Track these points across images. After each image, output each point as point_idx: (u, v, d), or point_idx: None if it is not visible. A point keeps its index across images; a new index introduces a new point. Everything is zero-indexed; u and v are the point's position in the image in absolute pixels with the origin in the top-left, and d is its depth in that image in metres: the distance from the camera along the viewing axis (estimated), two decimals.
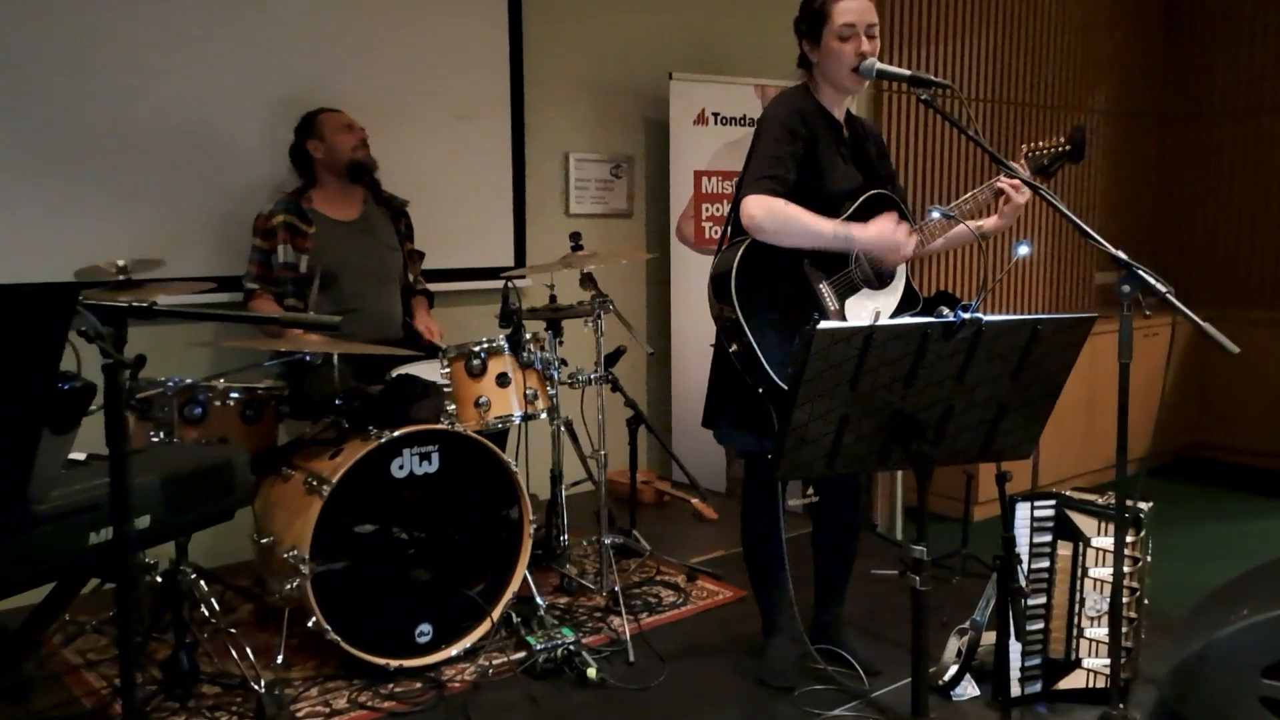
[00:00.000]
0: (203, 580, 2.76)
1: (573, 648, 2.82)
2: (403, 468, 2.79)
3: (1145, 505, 2.65)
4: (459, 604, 2.88)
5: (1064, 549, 2.64)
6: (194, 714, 2.55)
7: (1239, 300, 6.19)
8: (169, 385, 2.75)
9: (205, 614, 2.74)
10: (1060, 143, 2.66)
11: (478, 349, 3.02)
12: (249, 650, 2.66)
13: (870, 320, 1.93)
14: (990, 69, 5.61)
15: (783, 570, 2.74)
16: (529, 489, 3.03)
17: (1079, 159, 2.67)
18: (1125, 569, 2.41)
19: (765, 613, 2.89)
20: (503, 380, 3.04)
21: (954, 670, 2.71)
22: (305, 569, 2.60)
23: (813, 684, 2.74)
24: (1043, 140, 2.71)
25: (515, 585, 2.98)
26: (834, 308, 2.58)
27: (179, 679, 2.61)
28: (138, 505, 1.95)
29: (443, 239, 3.97)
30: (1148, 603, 2.71)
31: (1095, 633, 2.62)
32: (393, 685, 2.73)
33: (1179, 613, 2.77)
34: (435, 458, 2.83)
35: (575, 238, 3.42)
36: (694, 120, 4.69)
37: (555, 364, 3.24)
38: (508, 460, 2.95)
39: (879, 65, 2.52)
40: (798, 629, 2.81)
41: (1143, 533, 2.62)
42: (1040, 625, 2.63)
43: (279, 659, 2.77)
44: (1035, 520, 2.64)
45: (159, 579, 2.68)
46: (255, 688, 2.56)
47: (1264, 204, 6.11)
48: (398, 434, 2.75)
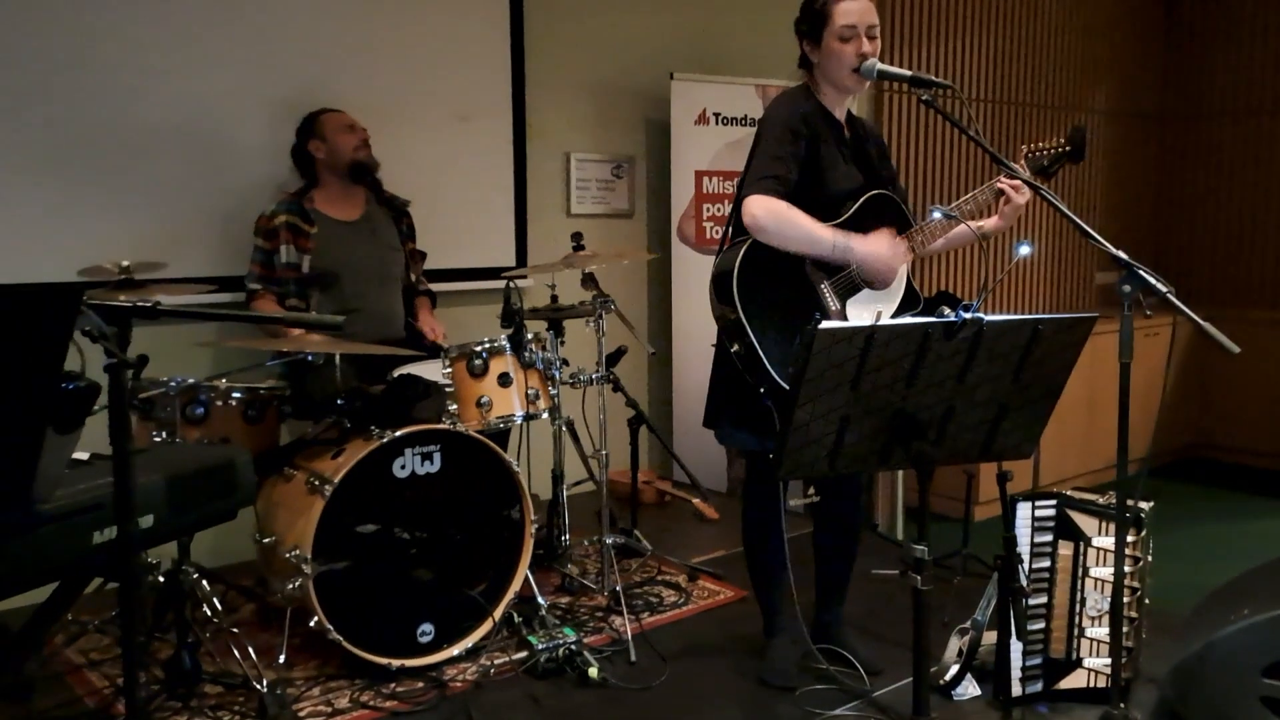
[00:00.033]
0: (205, 580, 2.77)
1: (574, 647, 2.82)
2: (404, 467, 2.79)
3: (1146, 505, 2.65)
4: (461, 604, 2.88)
5: (1065, 549, 2.64)
6: (196, 713, 2.56)
7: (1239, 300, 6.19)
8: (171, 385, 2.76)
9: (207, 614, 2.75)
10: (1060, 143, 2.66)
11: (479, 349, 3.03)
12: (251, 650, 2.67)
13: (872, 320, 1.94)
14: (991, 69, 5.61)
15: (784, 570, 2.75)
16: (530, 489, 3.03)
17: (1079, 159, 2.67)
18: (1126, 569, 2.42)
19: (766, 612, 2.89)
20: (504, 380, 3.04)
21: (955, 670, 2.71)
22: (307, 568, 2.61)
23: (814, 683, 2.75)
24: (1043, 141, 2.70)
25: (517, 585, 2.98)
26: (835, 307, 2.58)
27: (181, 678, 2.61)
28: (141, 504, 1.95)
29: (444, 239, 3.97)
30: (1148, 602, 2.71)
31: (1096, 632, 2.62)
32: (395, 685, 2.73)
33: (1180, 612, 2.77)
34: (437, 457, 2.84)
35: (577, 238, 3.42)
36: (695, 120, 4.69)
37: (557, 364, 3.25)
38: (509, 460, 2.95)
39: (880, 66, 2.52)
40: (799, 629, 2.81)
41: (1144, 532, 2.62)
42: (1041, 625, 2.63)
43: (281, 658, 2.77)
44: (1036, 520, 2.64)
45: (161, 579, 2.69)
46: (257, 687, 2.57)
47: (1264, 204, 6.11)
48: (400, 434, 2.75)
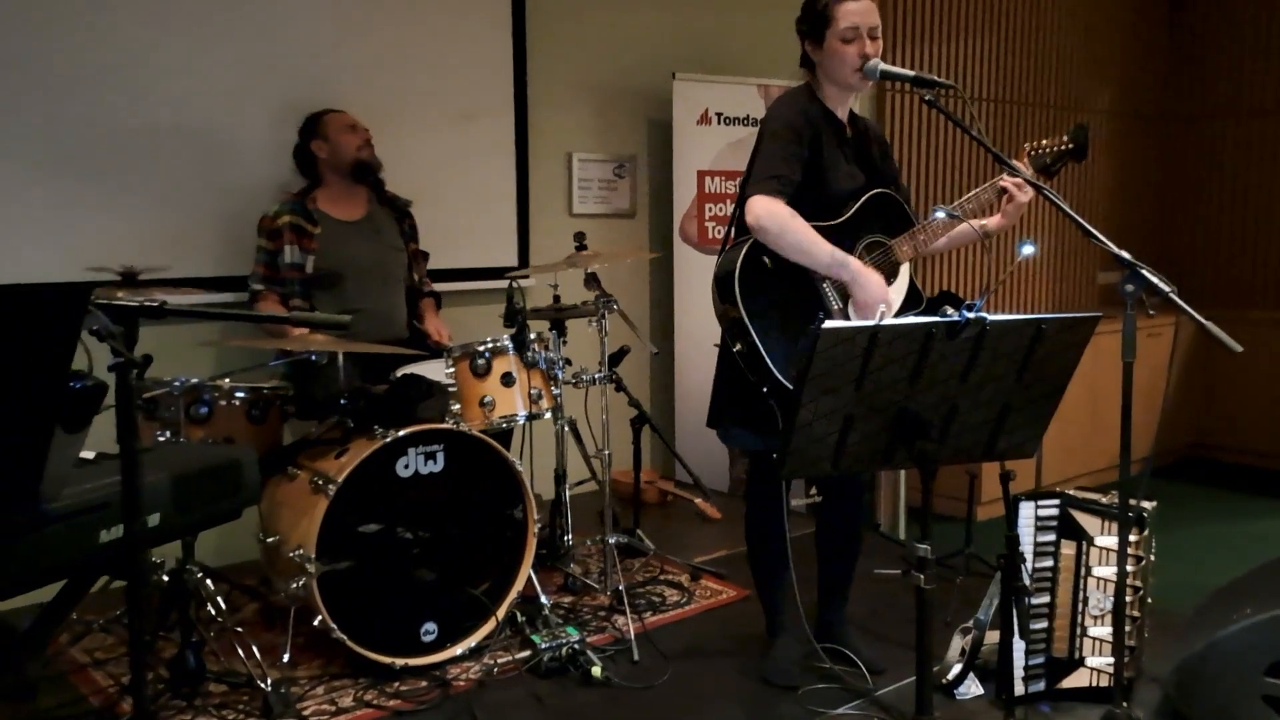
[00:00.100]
0: (209, 579, 2.77)
1: (577, 647, 2.83)
2: (408, 467, 2.79)
3: (1149, 504, 2.66)
4: (464, 603, 2.88)
5: (1067, 548, 2.64)
6: (200, 712, 2.56)
7: (1242, 300, 6.19)
8: (175, 385, 2.76)
9: (211, 613, 2.75)
10: (1063, 141, 2.65)
11: (482, 349, 3.03)
12: (255, 649, 2.68)
13: (875, 319, 1.94)
14: (993, 69, 5.61)
15: (786, 570, 2.74)
16: (533, 488, 3.03)
17: (1082, 158, 2.67)
18: (1129, 568, 2.42)
19: (769, 612, 2.89)
20: (507, 380, 3.05)
21: (958, 669, 2.71)
22: (311, 568, 2.61)
23: (816, 683, 2.75)
24: (1045, 139, 2.70)
25: (520, 584, 2.99)
26: (837, 307, 2.58)
27: (186, 677, 2.61)
28: (148, 503, 1.95)
29: (446, 239, 3.97)
30: (1151, 602, 2.71)
31: (1099, 631, 2.62)
32: (398, 684, 2.74)
33: (1182, 612, 2.78)
34: (440, 457, 2.84)
35: (579, 238, 3.43)
36: (697, 120, 4.69)
37: (559, 364, 3.25)
38: (512, 460, 2.96)
39: (883, 66, 2.52)
40: (802, 628, 2.81)
41: (1146, 532, 2.62)
42: (1044, 624, 2.63)
43: (285, 657, 2.78)
44: (1039, 519, 2.64)
45: (165, 578, 2.70)
46: (261, 686, 2.57)
47: (1267, 204, 6.11)
48: (403, 433, 2.75)
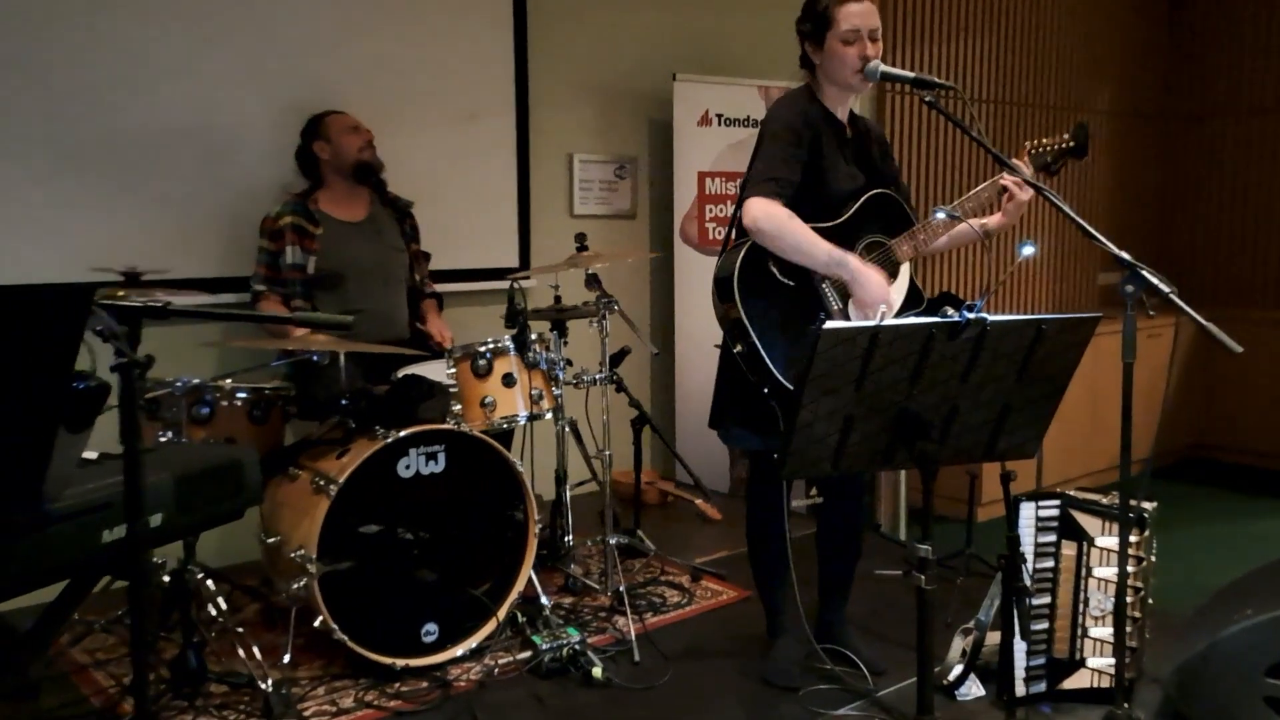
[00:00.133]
0: (210, 580, 2.78)
1: (578, 647, 2.83)
2: (409, 467, 2.79)
3: (1149, 505, 2.66)
4: (465, 603, 2.89)
5: (1068, 549, 2.64)
6: (202, 712, 2.56)
7: (1242, 300, 6.19)
8: (177, 385, 2.77)
9: (213, 613, 2.76)
10: (1064, 139, 2.64)
11: (483, 349, 3.04)
12: (256, 649, 2.68)
13: (875, 319, 1.94)
14: (993, 70, 5.61)
15: (787, 570, 2.75)
16: (534, 489, 3.03)
17: (1082, 155, 2.66)
18: (1129, 569, 2.42)
19: (770, 612, 2.89)
20: (508, 380, 3.05)
21: (959, 670, 2.71)
22: (312, 568, 2.61)
23: (817, 683, 2.75)
24: (1046, 137, 2.69)
25: (520, 585, 2.99)
26: (837, 307, 2.58)
27: (187, 678, 2.62)
28: (150, 503, 1.96)
29: (448, 240, 3.97)
30: (1152, 602, 2.71)
31: (1099, 632, 2.62)
32: (399, 684, 2.74)
33: (1183, 613, 2.78)
34: (441, 458, 2.84)
35: (580, 238, 3.44)
36: (698, 121, 4.70)
37: (560, 364, 3.25)
38: (513, 460, 2.96)
39: (883, 68, 2.53)
40: (802, 629, 2.81)
41: (1146, 532, 2.63)
42: (1045, 625, 2.64)
43: (286, 658, 2.78)
44: (1040, 520, 2.64)
45: (167, 578, 2.70)
46: (262, 686, 2.57)
47: (1267, 204, 6.12)
48: (404, 434, 2.75)
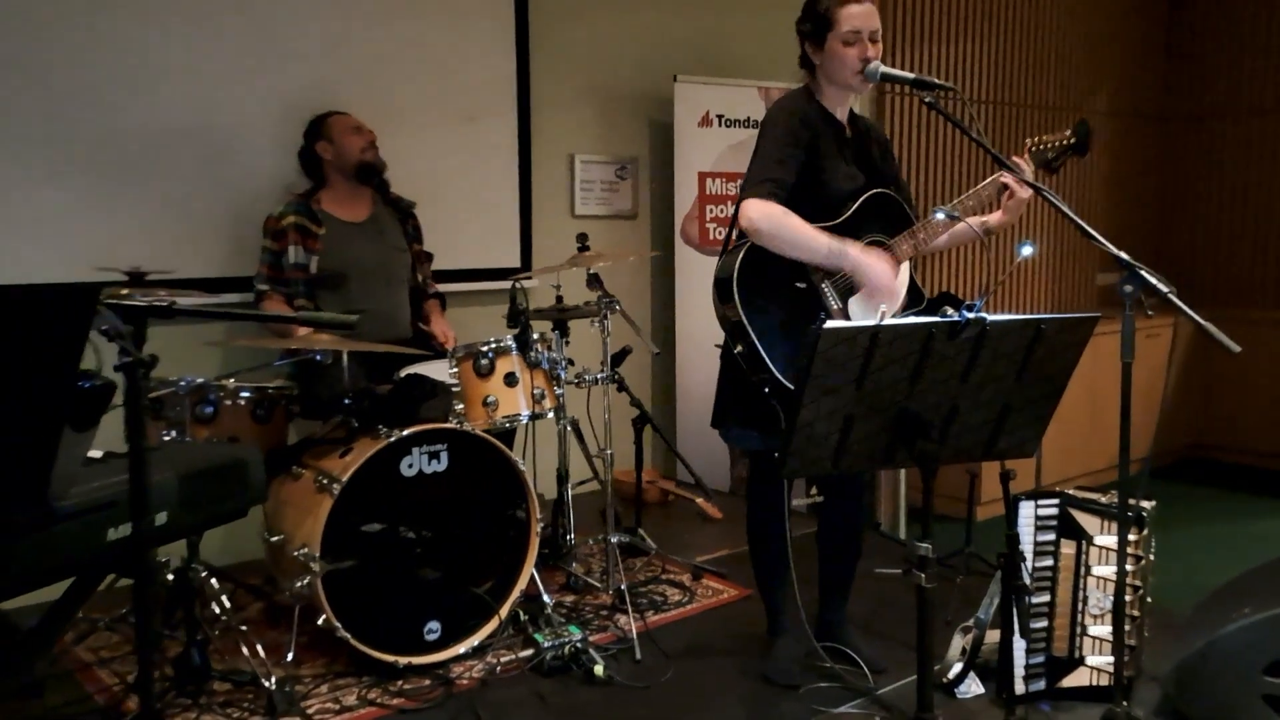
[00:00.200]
0: (214, 578, 2.79)
1: (580, 645, 2.84)
2: (412, 466, 2.81)
3: (1148, 504, 2.67)
4: (467, 602, 2.90)
5: (1067, 547, 2.66)
6: (205, 710, 2.58)
7: (1241, 300, 6.20)
8: (181, 385, 2.78)
9: (216, 611, 2.77)
10: (1066, 136, 2.63)
11: (486, 349, 3.05)
12: (259, 647, 2.70)
13: (875, 319, 1.95)
14: (992, 71, 5.62)
15: (788, 569, 2.75)
16: (536, 488, 3.05)
17: (1084, 153, 2.64)
18: (1128, 567, 2.43)
19: (770, 611, 2.90)
20: (510, 380, 3.06)
21: (958, 668, 2.72)
22: (316, 567, 2.62)
23: (818, 682, 2.76)
24: (1047, 135, 2.67)
25: (523, 583, 3.00)
26: (837, 306, 2.59)
27: (191, 676, 2.63)
28: (155, 502, 1.97)
29: (450, 240, 3.99)
30: (1150, 601, 2.72)
31: (1098, 630, 2.63)
32: (402, 682, 2.76)
33: (1182, 611, 2.79)
34: (444, 456, 2.85)
35: (582, 239, 3.45)
36: (698, 122, 4.71)
37: (562, 364, 3.26)
38: (515, 459, 2.97)
39: (883, 69, 2.53)
40: (803, 627, 2.82)
41: (1145, 531, 2.63)
42: (1044, 623, 2.65)
43: (289, 656, 2.79)
44: (1039, 518, 2.65)
45: (171, 577, 2.71)
46: (266, 684, 2.59)
47: (1266, 204, 6.12)
48: (407, 433, 2.77)
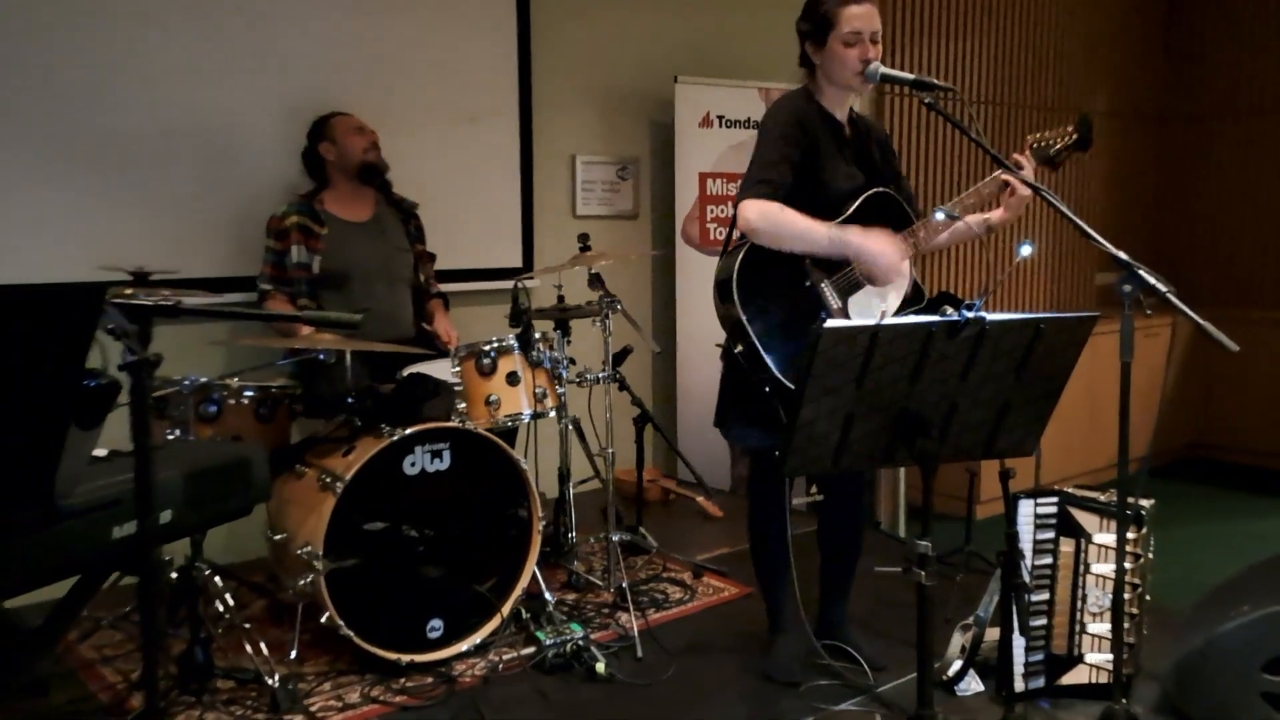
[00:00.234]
0: (217, 576, 2.80)
1: (581, 643, 2.85)
2: (414, 465, 2.82)
3: (1147, 502, 2.68)
4: (469, 600, 2.91)
5: (1066, 545, 2.66)
6: (209, 708, 2.59)
7: (1240, 300, 6.21)
8: (185, 384, 2.79)
9: (220, 609, 2.78)
10: (1068, 132, 2.60)
11: (488, 348, 3.06)
12: (263, 645, 2.71)
13: (875, 317, 1.96)
14: (991, 71, 5.64)
15: (788, 567, 2.76)
16: (537, 486, 3.06)
17: (1086, 148, 2.61)
18: (1127, 565, 2.44)
19: (771, 609, 2.91)
20: (512, 379, 3.08)
21: (958, 665, 2.73)
22: (319, 565, 2.64)
23: (818, 679, 2.77)
24: (1049, 130, 2.63)
25: (524, 581, 3.01)
26: (837, 306, 2.60)
27: (194, 673, 2.64)
28: (160, 500, 1.97)
29: (452, 241, 4.00)
30: (1149, 599, 2.73)
31: (1097, 628, 2.64)
32: (404, 680, 2.77)
33: (1180, 609, 2.80)
34: (446, 455, 2.86)
35: (583, 239, 3.46)
36: (699, 123, 4.72)
37: (564, 363, 3.28)
38: (517, 458, 2.98)
39: (883, 69, 2.54)
40: (803, 625, 2.83)
41: (1144, 529, 2.64)
42: (1043, 621, 2.66)
43: (292, 654, 2.79)
44: (1038, 517, 2.66)
45: (175, 575, 2.72)
46: (269, 682, 2.60)
47: (1266, 204, 6.13)
48: (410, 431, 2.78)
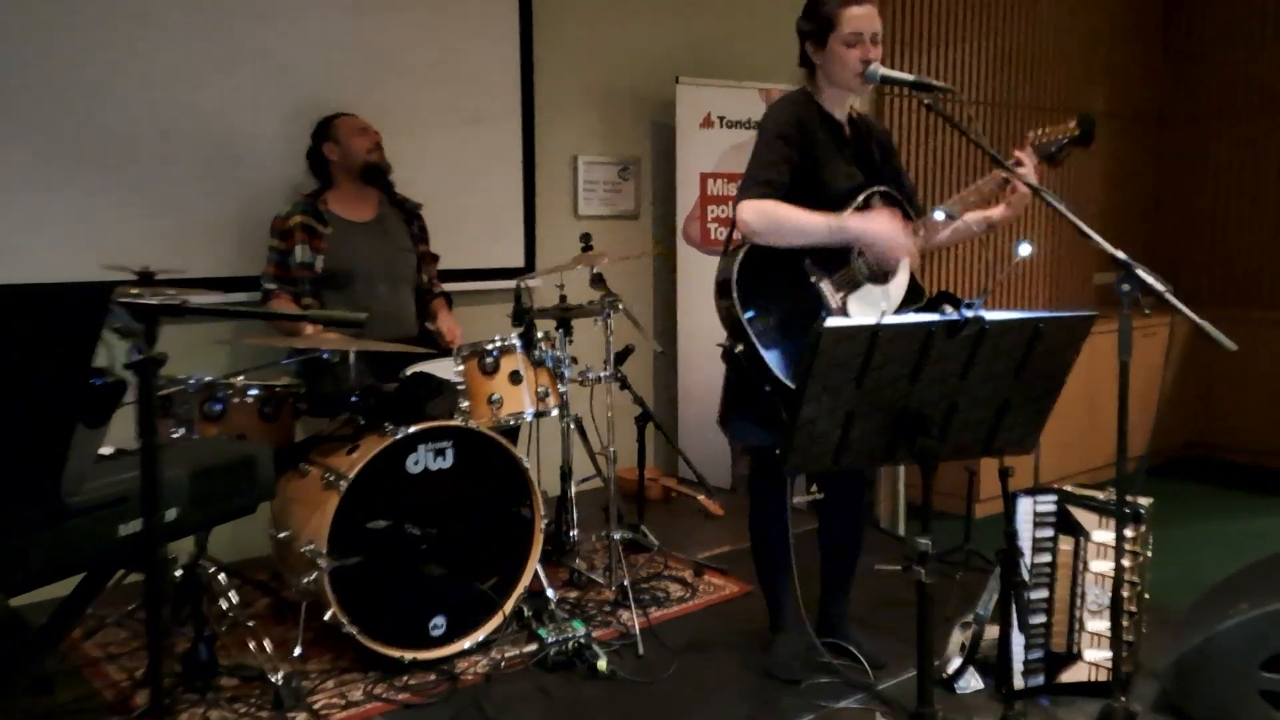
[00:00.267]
0: (221, 574, 2.82)
1: (583, 641, 2.87)
2: (418, 463, 2.83)
3: (1146, 501, 2.69)
4: (472, 598, 2.92)
5: (1065, 544, 2.68)
6: (213, 705, 2.60)
7: (1238, 300, 6.21)
8: (190, 383, 2.80)
9: (223, 607, 2.80)
10: (1070, 128, 2.58)
11: (491, 347, 3.07)
12: (266, 643, 2.73)
13: (876, 316, 1.97)
14: (990, 72, 5.65)
15: (789, 565, 2.76)
16: (539, 485, 3.07)
17: (1088, 144, 2.59)
18: (1126, 563, 2.45)
19: (771, 607, 2.93)
20: (515, 378, 3.09)
21: (958, 663, 2.74)
22: (322, 563, 2.65)
23: (818, 677, 2.78)
24: (1050, 127, 2.61)
25: (527, 579, 3.03)
26: (836, 305, 2.61)
27: (198, 671, 2.66)
28: (166, 498, 1.99)
29: (455, 241, 4.01)
30: (1148, 597, 2.74)
31: (1096, 626, 2.65)
32: (407, 677, 2.78)
33: (1179, 607, 2.81)
34: (449, 454, 2.88)
35: (585, 238, 3.48)
36: (700, 123, 4.73)
37: (566, 362, 3.29)
38: (520, 456, 2.99)
39: (883, 70, 2.55)
40: (804, 623, 2.84)
41: (1143, 527, 2.65)
42: (1042, 619, 2.67)
43: (296, 651, 2.81)
44: (1037, 515, 2.67)
45: (179, 573, 2.74)
46: (273, 679, 2.61)
47: (1264, 204, 6.14)
48: (413, 430, 2.79)
